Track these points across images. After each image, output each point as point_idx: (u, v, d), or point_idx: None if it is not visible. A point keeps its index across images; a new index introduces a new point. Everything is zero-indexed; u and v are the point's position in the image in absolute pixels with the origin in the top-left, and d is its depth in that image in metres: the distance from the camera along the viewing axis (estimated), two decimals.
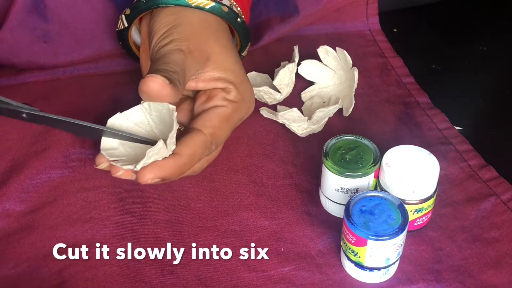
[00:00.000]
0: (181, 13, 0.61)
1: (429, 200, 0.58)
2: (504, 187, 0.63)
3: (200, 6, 0.61)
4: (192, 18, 0.61)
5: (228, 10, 0.63)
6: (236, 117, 0.60)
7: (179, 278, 0.57)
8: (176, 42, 0.58)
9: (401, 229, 0.53)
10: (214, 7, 0.62)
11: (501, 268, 0.57)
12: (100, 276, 0.57)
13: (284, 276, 0.57)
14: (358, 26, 0.80)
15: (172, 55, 0.57)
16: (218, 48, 0.60)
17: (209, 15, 0.62)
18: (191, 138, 0.56)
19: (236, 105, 0.59)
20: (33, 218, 0.61)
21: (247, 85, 0.61)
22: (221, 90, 0.59)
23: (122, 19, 0.64)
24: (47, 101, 0.71)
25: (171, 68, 0.55)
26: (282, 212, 0.62)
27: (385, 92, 0.73)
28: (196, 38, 0.59)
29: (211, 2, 0.62)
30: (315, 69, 0.72)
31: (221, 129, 0.58)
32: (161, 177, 0.54)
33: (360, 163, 0.59)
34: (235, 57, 0.62)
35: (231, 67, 0.60)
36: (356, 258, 0.55)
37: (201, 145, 0.56)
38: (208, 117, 0.58)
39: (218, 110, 0.58)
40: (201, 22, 0.61)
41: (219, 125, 0.58)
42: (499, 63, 0.79)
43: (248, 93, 0.61)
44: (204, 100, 0.60)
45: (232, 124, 0.59)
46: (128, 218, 0.61)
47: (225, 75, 0.60)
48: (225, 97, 0.59)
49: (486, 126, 0.71)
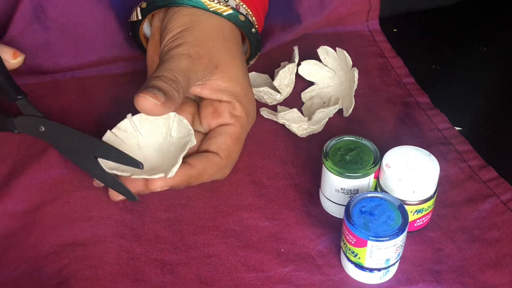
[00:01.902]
0: (197, 16, 0.61)
1: (429, 201, 0.58)
2: (504, 187, 0.63)
3: (218, 11, 0.62)
4: (207, 23, 0.61)
5: (244, 19, 0.63)
6: (245, 133, 0.62)
7: (179, 277, 0.57)
8: (187, 45, 0.59)
9: (401, 230, 0.53)
10: (231, 14, 0.62)
11: (501, 269, 0.57)
12: (100, 275, 0.57)
13: (284, 276, 0.57)
14: (358, 27, 0.80)
15: (179, 61, 0.57)
16: (227, 57, 0.61)
17: (224, 22, 0.62)
18: (207, 156, 0.58)
19: (243, 121, 0.61)
20: (33, 218, 0.60)
21: (251, 97, 0.62)
22: (228, 104, 0.60)
23: (137, 11, 0.64)
24: (47, 102, 0.71)
25: (172, 76, 0.56)
26: (282, 212, 0.62)
27: (385, 92, 0.73)
28: (208, 44, 0.60)
29: (229, 9, 0.62)
30: (315, 70, 0.72)
31: (235, 151, 0.60)
32: (170, 186, 0.56)
33: (360, 164, 0.59)
34: (242, 67, 0.62)
35: (238, 78, 0.61)
36: (356, 259, 0.55)
37: (214, 166, 0.58)
38: (222, 139, 0.59)
39: (229, 130, 0.60)
40: (215, 29, 0.61)
41: (233, 148, 0.60)
42: (499, 63, 0.79)
43: (251, 106, 0.62)
44: (211, 112, 0.60)
45: (242, 141, 0.61)
46: (128, 216, 0.61)
47: (230, 86, 0.60)
48: (232, 112, 0.60)
49: (486, 126, 0.71)
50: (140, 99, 0.54)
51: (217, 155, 0.59)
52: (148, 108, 0.55)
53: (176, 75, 0.56)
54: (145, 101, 0.54)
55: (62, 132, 0.58)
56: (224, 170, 0.60)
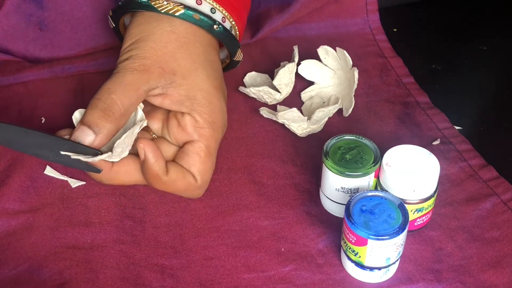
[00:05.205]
0: (147, 24, 0.59)
1: (430, 200, 0.58)
2: (505, 187, 0.63)
3: (169, 13, 0.59)
4: (157, 32, 0.59)
5: (200, 17, 0.59)
6: (213, 145, 0.59)
7: (179, 281, 0.57)
8: (132, 59, 0.57)
9: (402, 229, 0.53)
10: (183, 14, 0.59)
11: (501, 268, 0.57)
12: (101, 278, 0.57)
13: (284, 276, 0.57)
14: (359, 23, 0.80)
15: (122, 76, 0.57)
16: (185, 62, 0.58)
17: (179, 24, 0.59)
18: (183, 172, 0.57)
19: (207, 132, 0.58)
20: (33, 218, 0.60)
21: (216, 104, 0.59)
22: (189, 117, 0.58)
23: (110, 19, 0.64)
24: (47, 100, 0.71)
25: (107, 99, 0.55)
26: (282, 212, 0.62)
27: (385, 92, 0.73)
28: (157, 54, 0.58)
29: (181, 9, 0.59)
30: (315, 69, 0.72)
31: (207, 170, 0.59)
32: (146, 157, 0.55)
33: (360, 163, 0.58)
34: (206, 71, 0.59)
35: (199, 83, 0.58)
36: (357, 257, 0.55)
37: (185, 184, 0.58)
38: (192, 161, 0.58)
39: (196, 149, 0.58)
40: (167, 35, 0.59)
41: (204, 167, 0.58)
42: (499, 63, 0.79)
43: (217, 114, 0.59)
44: (176, 125, 0.59)
45: (213, 155, 0.59)
46: (128, 222, 0.61)
47: (191, 94, 0.58)
48: (194, 125, 0.58)
49: (486, 126, 0.71)
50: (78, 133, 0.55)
51: (192, 175, 0.58)
52: (88, 142, 0.55)
53: (112, 94, 0.55)
54: (84, 138, 0.55)
55: (15, 132, 0.55)
56: (197, 191, 0.59)
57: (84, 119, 0.55)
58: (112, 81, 0.57)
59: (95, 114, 0.55)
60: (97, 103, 0.55)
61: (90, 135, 0.55)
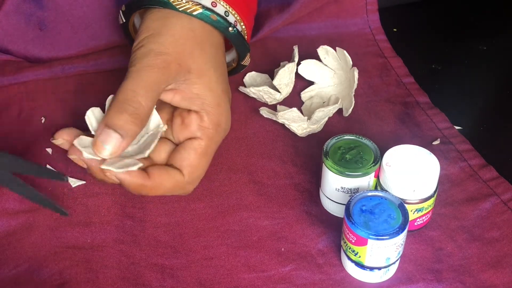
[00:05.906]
0: (166, 19, 0.59)
1: (429, 200, 0.58)
2: (504, 187, 0.63)
3: (187, 11, 0.59)
4: (177, 26, 0.59)
5: (217, 18, 0.60)
6: (213, 146, 0.59)
7: (179, 281, 0.57)
8: (154, 55, 0.56)
9: (402, 229, 0.53)
10: (201, 14, 0.59)
11: (501, 268, 0.57)
12: (100, 278, 0.57)
13: (284, 276, 0.57)
14: (359, 23, 0.80)
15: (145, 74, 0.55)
16: (200, 61, 0.58)
17: (196, 23, 0.59)
18: (168, 171, 0.56)
19: (211, 133, 0.58)
20: (33, 218, 0.60)
21: (224, 107, 0.59)
22: (196, 115, 0.58)
23: (121, 15, 0.63)
24: (47, 100, 0.71)
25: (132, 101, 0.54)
26: (282, 211, 0.62)
27: (385, 92, 0.73)
28: (176, 49, 0.57)
29: (199, 8, 0.59)
30: (315, 69, 0.72)
31: (199, 168, 0.58)
32: (120, 180, 0.54)
33: (360, 163, 0.59)
34: (217, 73, 0.59)
35: (211, 85, 0.58)
36: (357, 257, 0.55)
37: (172, 182, 0.56)
38: (186, 155, 0.57)
39: (194, 145, 0.58)
40: (186, 32, 0.59)
41: (197, 163, 0.58)
42: (499, 63, 0.79)
43: (223, 117, 0.59)
44: (179, 123, 0.59)
45: (210, 155, 0.59)
46: (128, 222, 0.61)
47: (202, 94, 0.58)
48: (200, 124, 0.58)
49: (486, 126, 0.71)
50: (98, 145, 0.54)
51: (179, 171, 0.57)
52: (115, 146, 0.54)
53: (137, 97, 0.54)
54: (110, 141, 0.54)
55: None
56: (187, 187, 0.58)
57: (109, 122, 0.54)
58: (136, 81, 0.55)
59: (123, 118, 0.54)
60: (124, 106, 0.54)
61: (117, 138, 0.53)
